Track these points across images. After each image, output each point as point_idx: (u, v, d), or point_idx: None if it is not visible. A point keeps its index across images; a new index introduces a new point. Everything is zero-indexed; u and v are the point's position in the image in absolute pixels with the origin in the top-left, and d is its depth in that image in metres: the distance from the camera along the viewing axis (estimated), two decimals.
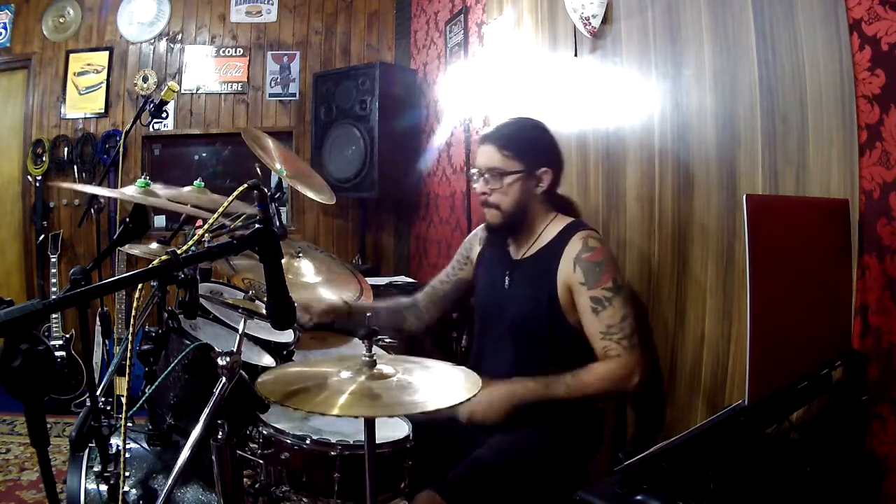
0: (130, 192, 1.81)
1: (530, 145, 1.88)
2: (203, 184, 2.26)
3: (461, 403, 1.25)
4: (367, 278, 2.18)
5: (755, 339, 1.05)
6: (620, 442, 2.12)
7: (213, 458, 1.26)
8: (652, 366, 2.02)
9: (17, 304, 0.82)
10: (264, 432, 1.69)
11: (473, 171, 1.94)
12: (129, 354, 1.28)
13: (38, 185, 4.49)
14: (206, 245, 1.36)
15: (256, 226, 1.17)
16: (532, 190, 1.88)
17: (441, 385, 1.36)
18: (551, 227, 1.90)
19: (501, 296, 1.95)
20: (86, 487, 1.65)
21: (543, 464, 1.76)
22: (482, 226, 2.10)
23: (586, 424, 1.88)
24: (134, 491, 1.66)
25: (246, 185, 1.31)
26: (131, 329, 1.27)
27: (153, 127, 4.48)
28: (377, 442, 1.45)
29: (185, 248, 1.15)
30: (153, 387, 1.63)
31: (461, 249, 2.19)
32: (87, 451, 1.68)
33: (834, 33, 1.39)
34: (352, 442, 1.63)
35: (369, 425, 1.35)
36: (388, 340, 2.30)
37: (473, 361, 2.00)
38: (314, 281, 2.01)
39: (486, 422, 1.72)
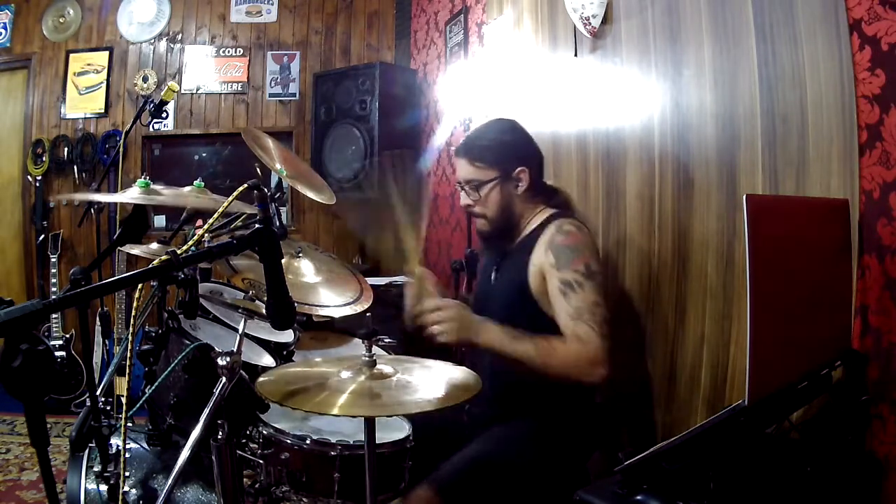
0: (129, 194, 1.80)
1: (500, 150, 1.87)
2: (203, 184, 2.26)
3: (459, 403, 1.25)
4: (367, 278, 2.18)
5: (755, 339, 1.05)
6: (620, 442, 2.12)
7: (213, 458, 1.25)
8: (644, 367, 2.02)
9: (17, 304, 0.82)
10: (264, 432, 1.69)
11: (457, 184, 1.94)
12: (129, 354, 1.28)
13: (38, 185, 4.49)
14: (206, 245, 1.36)
15: (256, 226, 1.17)
16: (512, 192, 1.88)
17: (440, 384, 1.36)
18: (534, 221, 1.90)
19: (490, 289, 1.97)
20: (86, 487, 1.65)
21: (537, 456, 1.75)
22: None
23: (580, 417, 1.87)
24: (134, 491, 1.67)
25: (246, 185, 1.31)
26: (131, 329, 1.27)
27: (153, 127, 4.47)
28: (377, 442, 1.46)
29: (185, 248, 1.15)
30: (153, 387, 1.63)
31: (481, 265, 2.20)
32: (87, 451, 1.69)
33: (834, 33, 1.39)
34: (352, 442, 1.64)
35: (369, 425, 1.35)
36: (387, 340, 2.30)
37: (470, 353, 2.00)
38: (314, 281, 2.01)
39: (438, 333, 1.61)
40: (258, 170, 2.05)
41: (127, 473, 1.59)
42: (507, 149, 1.88)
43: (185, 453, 1.19)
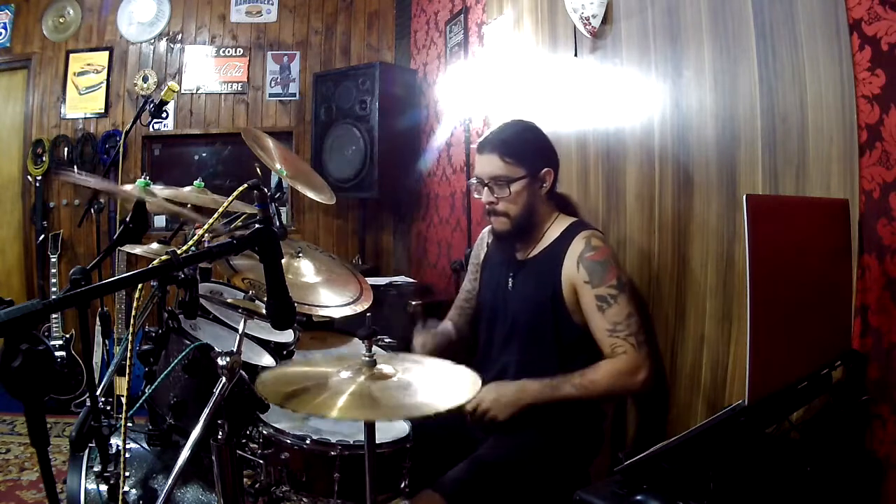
0: (132, 189, 1.81)
1: (530, 148, 1.88)
2: (203, 184, 2.26)
3: (462, 404, 1.25)
4: (367, 278, 2.17)
5: (755, 339, 1.05)
6: (620, 442, 2.12)
7: (213, 458, 1.25)
8: (656, 365, 2.02)
9: (17, 304, 0.82)
10: (264, 432, 1.69)
11: (473, 180, 1.92)
12: (129, 354, 1.28)
13: (38, 185, 4.49)
14: (206, 245, 1.36)
15: (256, 226, 1.17)
16: (538, 192, 1.88)
17: (441, 385, 1.36)
18: (554, 228, 1.90)
19: (505, 296, 1.95)
20: (86, 487, 1.65)
21: (544, 463, 1.76)
22: (487, 229, 2.10)
23: (587, 424, 1.88)
24: (134, 491, 1.67)
25: (246, 185, 1.31)
26: (131, 329, 1.27)
27: (153, 127, 4.47)
28: (377, 442, 1.46)
29: (185, 248, 1.15)
30: (153, 387, 1.63)
31: (472, 260, 2.20)
32: (87, 451, 1.69)
33: (834, 33, 1.39)
34: (352, 442, 1.63)
35: (369, 426, 1.35)
36: (387, 340, 2.30)
37: (479, 361, 2.00)
38: (314, 281, 2.01)
39: (492, 418, 1.72)
40: (258, 170, 2.05)
41: (127, 473, 1.59)
42: (536, 148, 1.89)
43: (185, 453, 1.19)
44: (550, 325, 1.84)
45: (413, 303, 2.78)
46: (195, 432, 1.20)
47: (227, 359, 1.26)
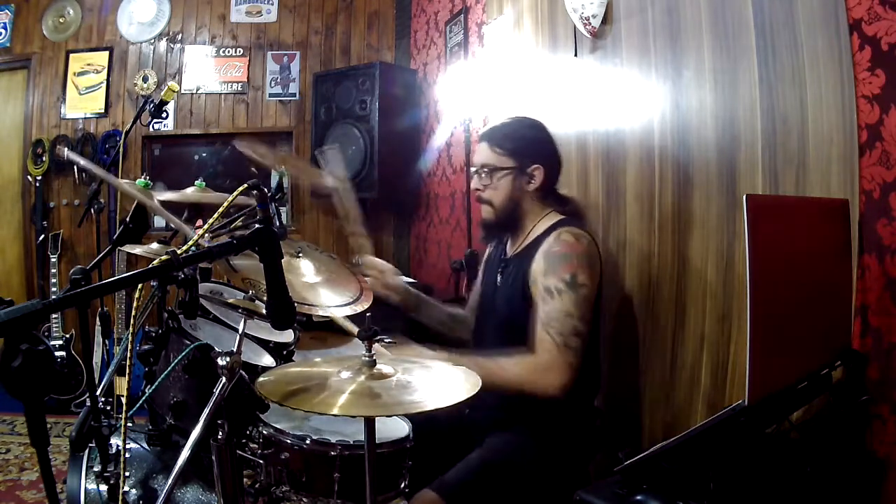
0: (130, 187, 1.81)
1: (523, 143, 1.89)
2: (204, 183, 2.27)
3: (459, 403, 1.25)
4: (367, 278, 2.17)
5: (755, 339, 1.05)
6: (620, 442, 2.12)
7: (213, 458, 1.26)
8: (644, 367, 2.02)
9: (17, 304, 0.82)
10: (264, 432, 1.69)
11: (472, 168, 1.97)
12: (129, 354, 1.28)
13: (38, 185, 4.49)
14: (205, 245, 1.36)
15: (256, 226, 1.17)
16: (523, 187, 1.88)
17: (440, 384, 1.36)
18: (540, 225, 1.90)
19: (494, 294, 1.96)
20: (86, 487, 1.65)
21: (544, 463, 1.76)
22: None
23: (583, 423, 1.88)
24: (134, 491, 1.67)
25: (246, 185, 1.31)
26: (131, 329, 1.27)
27: (153, 127, 4.47)
28: (377, 442, 1.45)
29: (185, 248, 1.15)
30: (153, 387, 1.63)
31: (482, 266, 2.19)
32: (87, 451, 1.69)
33: (834, 33, 1.39)
34: (352, 442, 1.63)
35: (369, 425, 1.35)
36: (387, 341, 2.30)
37: None
38: (314, 281, 2.01)
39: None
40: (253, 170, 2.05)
41: (127, 473, 1.59)
42: (528, 143, 1.90)
43: (185, 453, 1.19)
44: (522, 318, 1.80)
45: None
46: (195, 432, 1.20)
47: (227, 359, 1.26)
